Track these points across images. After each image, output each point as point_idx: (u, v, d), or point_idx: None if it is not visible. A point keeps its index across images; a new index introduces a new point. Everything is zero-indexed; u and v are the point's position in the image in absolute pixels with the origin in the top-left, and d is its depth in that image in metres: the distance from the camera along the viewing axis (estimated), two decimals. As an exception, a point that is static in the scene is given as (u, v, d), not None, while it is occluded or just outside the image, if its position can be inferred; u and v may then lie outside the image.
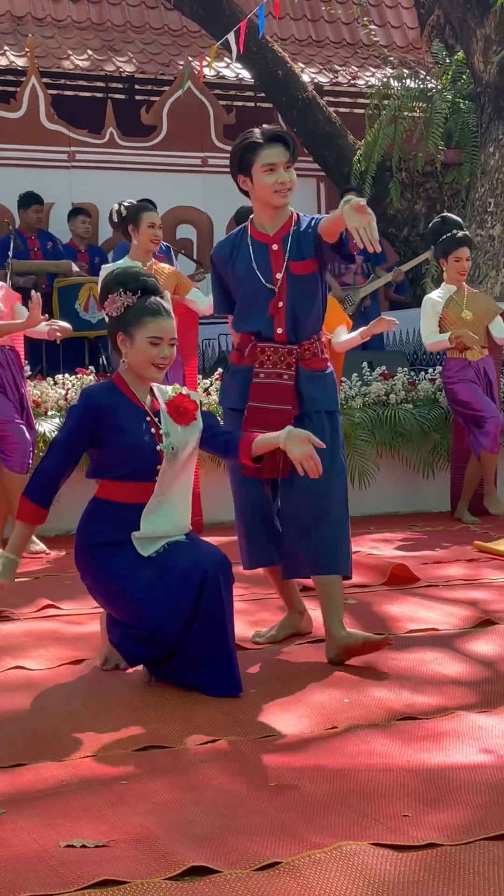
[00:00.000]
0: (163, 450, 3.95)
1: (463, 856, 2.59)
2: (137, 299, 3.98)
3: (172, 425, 4.02)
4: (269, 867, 2.54)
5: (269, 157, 4.24)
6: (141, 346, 3.97)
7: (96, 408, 3.97)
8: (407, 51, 14.76)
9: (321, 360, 4.39)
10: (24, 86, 12.08)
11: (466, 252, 7.57)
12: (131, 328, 3.97)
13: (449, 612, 4.98)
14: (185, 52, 13.51)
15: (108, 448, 3.98)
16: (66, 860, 2.59)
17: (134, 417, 4.00)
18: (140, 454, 3.96)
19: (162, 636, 3.89)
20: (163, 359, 3.99)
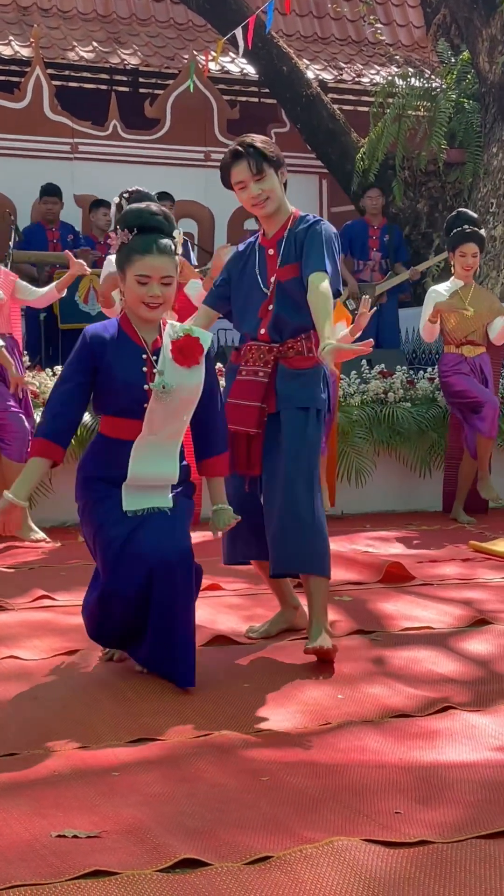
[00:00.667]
0: (152, 388, 3.91)
1: (455, 854, 2.59)
2: (133, 237, 3.92)
3: (172, 364, 3.96)
4: (261, 861, 2.54)
5: (236, 176, 4.33)
6: (130, 285, 3.93)
7: (92, 343, 3.96)
8: (412, 49, 14.76)
9: (306, 358, 4.35)
10: (29, 76, 12.07)
11: (472, 248, 7.56)
12: (124, 266, 3.94)
13: (443, 610, 4.98)
14: (190, 45, 13.50)
15: (103, 384, 3.96)
16: (58, 850, 2.59)
17: (128, 354, 3.96)
18: (127, 391, 3.92)
19: (111, 606, 3.91)
20: (152, 297, 3.91)
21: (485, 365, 7.70)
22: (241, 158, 4.30)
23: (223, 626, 4.69)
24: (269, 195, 4.31)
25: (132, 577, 3.85)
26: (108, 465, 3.98)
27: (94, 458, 4.04)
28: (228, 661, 4.23)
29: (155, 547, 3.85)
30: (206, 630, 4.58)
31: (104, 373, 3.93)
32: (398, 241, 11.18)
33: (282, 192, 4.37)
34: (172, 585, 3.86)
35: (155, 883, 2.43)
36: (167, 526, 3.93)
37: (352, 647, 4.41)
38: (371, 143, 11.50)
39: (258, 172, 4.28)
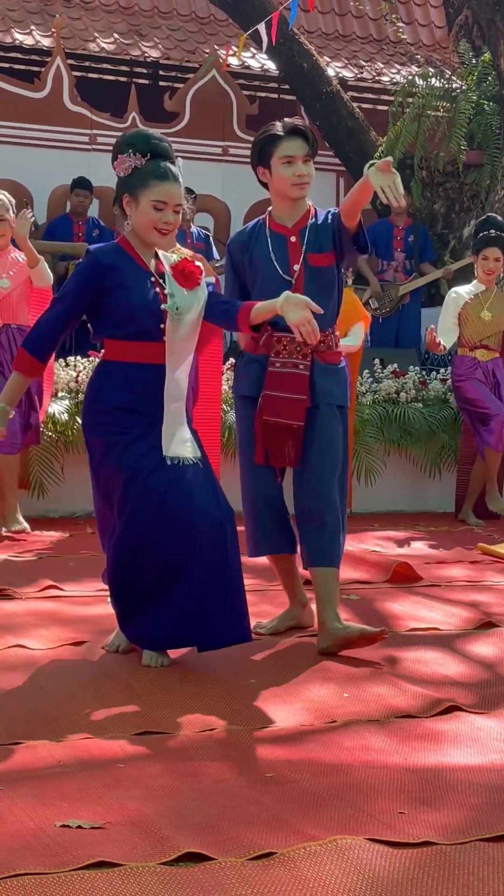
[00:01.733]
0: (167, 309, 3.97)
1: (458, 855, 2.59)
2: (147, 162, 3.98)
3: (177, 287, 4.03)
4: (264, 857, 2.54)
5: (288, 150, 4.31)
6: (144, 210, 3.98)
7: (102, 266, 4.00)
8: (433, 49, 14.73)
9: (335, 353, 4.44)
10: (49, 66, 12.07)
11: (495, 252, 7.57)
12: (137, 190, 3.98)
13: (450, 612, 4.98)
14: (212, 40, 13.49)
15: (114, 307, 3.99)
16: (62, 840, 2.59)
17: (139, 277, 4.02)
18: (145, 312, 3.98)
19: (144, 557, 3.92)
20: (165, 224, 3.99)
21: (497, 370, 7.70)
22: (298, 135, 4.34)
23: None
24: (310, 180, 4.37)
25: (175, 531, 3.87)
26: (125, 389, 3.98)
27: (109, 385, 4.03)
28: (235, 656, 4.23)
29: (204, 507, 3.89)
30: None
31: (115, 295, 3.98)
32: (424, 240, 11.16)
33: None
34: (225, 541, 3.91)
35: (158, 876, 2.44)
36: (209, 485, 3.98)
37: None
38: (389, 143, 11.48)
39: (311, 155, 4.36)
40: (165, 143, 4.05)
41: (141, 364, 3.98)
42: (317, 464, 4.30)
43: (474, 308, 7.60)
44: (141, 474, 3.91)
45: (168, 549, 3.90)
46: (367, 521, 7.49)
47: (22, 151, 11.85)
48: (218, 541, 3.91)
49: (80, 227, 10.95)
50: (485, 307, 7.59)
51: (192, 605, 3.90)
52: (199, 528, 3.88)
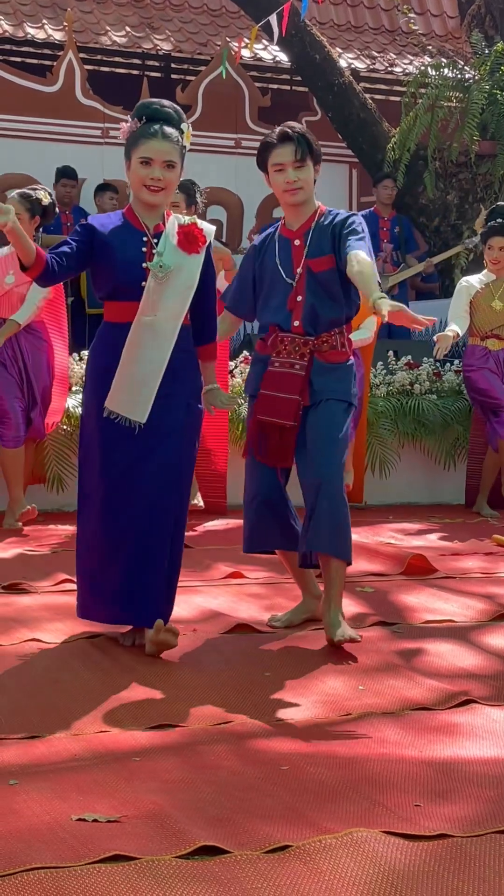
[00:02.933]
0: (150, 267, 4.03)
1: (474, 848, 2.59)
2: (141, 125, 4.07)
3: (172, 247, 4.10)
4: (280, 850, 2.54)
5: (278, 157, 4.35)
6: (134, 168, 4.07)
7: (91, 225, 4.11)
8: (446, 40, 14.68)
9: (340, 353, 4.39)
10: (61, 60, 12.06)
11: (501, 241, 7.55)
12: (129, 152, 4.09)
13: (466, 604, 4.97)
14: (223, 32, 13.46)
15: (99, 265, 4.09)
16: (78, 834, 2.60)
17: (127, 236, 4.10)
18: (126, 269, 4.04)
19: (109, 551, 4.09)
20: (153, 180, 4.05)
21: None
22: (289, 142, 4.33)
23: (244, 614, 4.70)
24: (304, 185, 4.34)
25: (123, 510, 4.04)
26: (106, 351, 4.10)
27: (100, 345, 4.16)
28: (250, 649, 4.24)
29: (151, 492, 4.03)
30: (228, 618, 4.59)
31: (102, 251, 4.06)
32: (408, 232, 11.18)
33: (313, 186, 4.40)
34: (152, 525, 4.06)
35: (174, 869, 2.44)
36: (168, 470, 4.06)
37: (373, 638, 4.41)
38: (402, 134, 11.44)
39: (300, 160, 4.32)
40: (168, 109, 4.12)
41: (123, 324, 4.06)
42: (318, 459, 4.28)
43: (485, 297, 7.59)
44: (108, 443, 4.04)
45: (114, 527, 4.05)
46: (382, 514, 7.48)
47: (34, 145, 11.85)
48: (149, 524, 4.03)
49: (67, 217, 10.93)
50: (496, 296, 7.57)
51: (125, 583, 4.06)
52: (140, 511, 4.02)
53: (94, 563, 4.13)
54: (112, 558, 4.08)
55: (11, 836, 2.58)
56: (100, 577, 4.12)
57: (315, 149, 4.38)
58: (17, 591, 5.02)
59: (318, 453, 4.28)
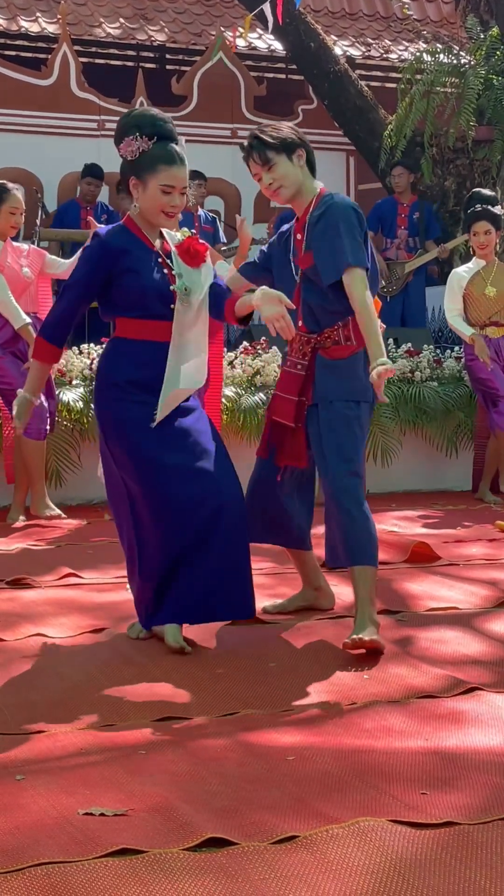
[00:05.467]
0: (176, 290, 4.02)
1: (481, 835, 2.59)
2: (154, 145, 4.00)
3: (184, 267, 4.08)
4: (287, 841, 2.55)
5: (251, 170, 4.30)
6: (152, 193, 4.01)
7: (111, 249, 4.03)
8: (441, 25, 14.64)
9: (344, 348, 4.22)
10: (56, 53, 12.05)
11: (483, 226, 7.53)
12: (145, 174, 4.01)
13: (469, 591, 4.97)
14: (218, 22, 13.44)
15: (125, 290, 4.03)
16: (85, 828, 2.60)
17: (147, 259, 4.06)
18: (155, 295, 4.02)
19: (172, 545, 3.99)
20: (173, 207, 4.04)
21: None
22: (248, 152, 4.23)
23: (249, 605, 4.69)
24: (282, 182, 4.20)
25: (195, 518, 3.96)
26: (138, 366, 4.03)
27: (121, 361, 4.07)
28: (254, 640, 4.24)
29: (217, 490, 3.98)
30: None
31: (124, 278, 4.01)
32: (429, 218, 11.11)
33: (299, 175, 4.22)
34: (241, 519, 4.03)
35: (181, 861, 2.44)
36: (221, 467, 4.04)
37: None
38: (399, 120, 11.43)
39: (265, 162, 4.18)
40: (170, 125, 4.07)
41: (153, 342, 4.03)
42: (322, 467, 4.20)
43: (477, 286, 7.57)
44: (149, 455, 3.97)
45: (177, 535, 3.98)
46: (385, 501, 7.48)
47: (31, 139, 11.85)
48: (217, 523, 3.98)
49: (87, 213, 10.93)
50: (488, 283, 7.55)
51: (203, 582, 4.00)
52: (202, 513, 3.96)
53: (165, 565, 4.02)
54: (193, 555, 3.99)
55: (18, 832, 2.59)
56: (180, 577, 4.02)
57: (274, 141, 4.18)
58: (22, 586, 5.03)
59: (322, 462, 4.20)
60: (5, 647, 4.11)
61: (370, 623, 4.05)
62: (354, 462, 4.19)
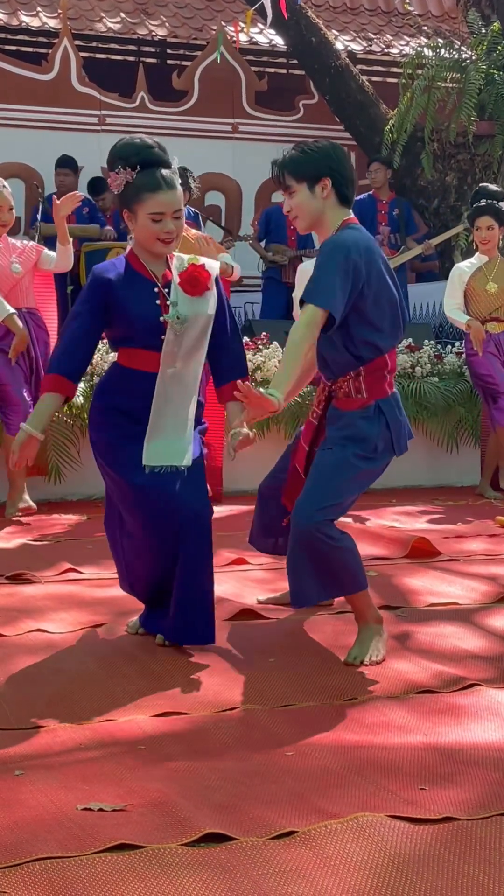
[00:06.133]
0: (167, 320, 3.95)
1: (480, 831, 2.59)
2: (137, 175, 3.92)
3: (183, 296, 4.00)
4: (285, 836, 2.55)
5: (279, 195, 4.10)
6: (143, 223, 3.94)
7: (103, 283, 3.99)
8: (442, 20, 14.62)
9: (353, 400, 3.94)
10: (56, 48, 12.04)
11: (486, 221, 7.51)
12: (133, 205, 3.94)
13: (469, 586, 4.97)
14: (219, 16, 13.42)
15: (117, 321, 3.99)
16: (83, 823, 2.61)
17: (141, 289, 3.99)
18: (143, 325, 3.96)
19: (147, 558, 3.97)
20: (167, 233, 3.94)
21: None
22: (272, 171, 4.02)
23: (249, 600, 4.70)
24: (297, 213, 3.95)
25: (167, 528, 3.88)
26: (128, 394, 4.00)
27: (113, 386, 4.06)
28: (254, 635, 4.24)
29: (185, 501, 3.89)
30: (232, 604, 4.59)
31: (117, 308, 3.97)
32: (408, 214, 11.11)
33: (319, 206, 3.91)
34: (203, 536, 3.92)
35: (180, 857, 2.44)
36: (193, 478, 3.96)
37: (377, 622, 4.41)
38: (400, 115, 11.42)
39: (285, 188, 3.96)
40: (156, 150, 3.95)
41: (144, 372, 3.96)
42: (298, 501, 3.91)
43: (479, 281, 7.56)
44: (134, 483, 3.93)
45: (163, 554, 3.94)
46: (385, 496, 7.48)
47: (31, 134, 11.84)
48: (199, 535, 3.92)
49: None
50: (490, 279, 7.54)
51: (182, 607, 3.95)
52: (185, 526, 3.90)
53: (145, 579, 4.08)
54: (168, 573, 3.98)
55: (17, 827, 2.59)
56: (161, 594, 4.05)
57: (298, 167, 3.90)
58: (22, 581, 5.03)
59: (297, 502, 3.89)
60: (5, 643, 4.11)
61: (372, 641, 3.97)
62: (328, 501, 3.83)
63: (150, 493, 3.90)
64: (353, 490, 3.94)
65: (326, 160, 3.91)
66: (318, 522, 3.79)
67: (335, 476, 3.87)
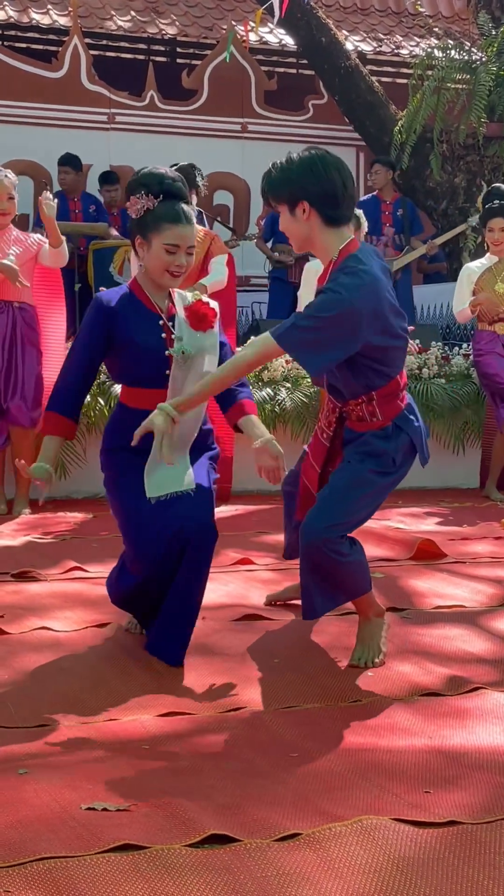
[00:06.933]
0: (172, 354, 3.91)
1: (484, 835, 2.58)
2: (159, 203, 3.89)
3: (188, 330, 3.96)
4: (290, 838, 2.54)
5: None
6: (157, 253, 3.90)
7: (107, 311, 3.95)
8: (452, 21, 14.61)
9: (369, 423, 3.83)
10: (67, 45, 12.03)
11: (500, 222, 7.51)
12: (149, 233, 3.91)
13: (475, 588, 4.96)
14: (229, 16, 13.41)
15: (120, 352, 3.96)
16: (87, 822, 2.60)
17: (145, 321, 3.96)
18: (148, 358, 3.92)
19: (140, 570, 3.90)
20: (178, 266, 3.91)
21: (517, 342, 7.65)
22: (265, 199, 3.80)
23: (254, 600, 4.70)
24: (287, 234, 3.73)
25: (160, 540, 3.81)
26: (130, 434, 3.92)
27: (117, 428, 4.02)
28: (259, 636, 4.23)
29: (187, 515, 3.82)
30: (237, 605, 4.58)
31: (121, 340, 3.93)
32: (412, 214, 11.08)
33: (304, 230, 3.67)
34: (205, 551, 3.85)
35: (184, 858, 2.44)
36: (196, 496, 3.90)
37: (383, 624, 4.40)
38: (409, 116, 11.41)
39: (273, 205, 3.78)
40: (179, 183, 3.94)
41: (145, 410, 3.84)
42: (306, 519, 3.82)
43: (488, 281, 7.55)
44: (137, 507, 3.89)
45: (158, 560, 3.87)
46: (391, 498, 7.40)
47: (40, 131, 11.83)
48: (202, 548, 3.86)
49: (75, 204, 10.89)
50: (499, 279, 7.53)
51: (166, 621, 3.91)
52: (188, 539, 3.82)
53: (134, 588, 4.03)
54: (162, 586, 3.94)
55: (21, 826, 2.59)
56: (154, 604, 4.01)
57: (274, 191, 3.68)
58: (27, 579, 5.02)
59: (307, 516, 3.81)
60: (10, 640, 4.11)
61: (374, 642, 3.96)
62: (339, 516, 3.76)
63: (153, 513, 3.85)
64: (368, 505, 3.87)
65: (300, 181, 3.62)
66: (327, 539, 3.73)
67: (350, 493, 3.78)
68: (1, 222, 6.74)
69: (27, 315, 6.77)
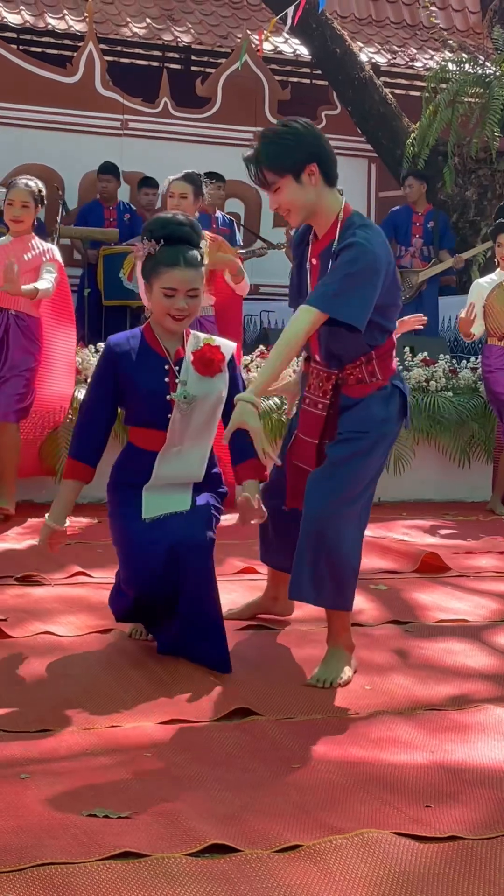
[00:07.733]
0: (174, 399, 3.92)
1: (484, 850, 2.58)
2: (160, 248, 3.89)
3: (194, 375, 3.96)
4: (290, 850, 2.54)
5: (255, 182, 3.93)
6: (157, 297, 3.92)
7: (115, 356, 3.98)
8: (467, 35, 14.64)
9: (368, 385, 3.84)
10: (81, 51, 12.06)
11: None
12: (151, 277, 3.93)
13: (479, 603, 4.95)
14: (244, 24, 13.45)
15: (125, 395, 3.99)
16: (88, 829, 2.60)
17: (151, 365, 3.97)
18: (150, 401, 3.94)
19: (140, 586, 3.92)
20: (178, 310, 3.90)
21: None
22: (248, 171, 3.81)
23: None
24: (290, 208, 3.74)
25: (158, 556, 3.84)
26: (136, 473, 4.01)
27: (123, 466, 4.08)
28: (260, 646, 4.23)
29: (184, 533, 3.86)
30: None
31: (126, 383, 3.96)
32: (443, 227, 11.09)
33: (311, 195, 3.71)
34: (204, 567, 3.88)
35: (184, 867, 2.44)
36: (191, 514, 3.95)
37: (385, 637, 4.40)
38: (422, 129, 11.42)
39: (267, 186, 3.76)
40: (186, 227, 3.90)
41: (148, 451, 3.96)
42: (306, 494, 3.82)
43: (498, 298, 7.54)
44: (133, 527, 3.94)
45: (158, 574, 3.88)
46: (396, 510, 7.47)
47: (53, 136, 11.86)
48: (199, 566, 3.88)
49: (110, 213, 10.95)
50: (509, 294, 7.53)
51: (190, 634, 3.91)
52: (186, 554, 3.85)
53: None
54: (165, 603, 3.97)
55: (22, 831, 2.59)
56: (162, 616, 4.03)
57: (277, 162, 3.69)
58: (31, 582, 5.03)
59: (307, 490, 3.82)
60: (13, 644, 4.11)
61: (339, 662, 3.89)
62: (345, 499, 3.79)
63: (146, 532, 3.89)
64: (364, 476, 3.84)
65: (307, 144, 3.70)
66: (331, 513, 3.76)
67: (348, 467, 3.79)
68: (15, 229, 6.63)
69: (23, 323, 6.61)
